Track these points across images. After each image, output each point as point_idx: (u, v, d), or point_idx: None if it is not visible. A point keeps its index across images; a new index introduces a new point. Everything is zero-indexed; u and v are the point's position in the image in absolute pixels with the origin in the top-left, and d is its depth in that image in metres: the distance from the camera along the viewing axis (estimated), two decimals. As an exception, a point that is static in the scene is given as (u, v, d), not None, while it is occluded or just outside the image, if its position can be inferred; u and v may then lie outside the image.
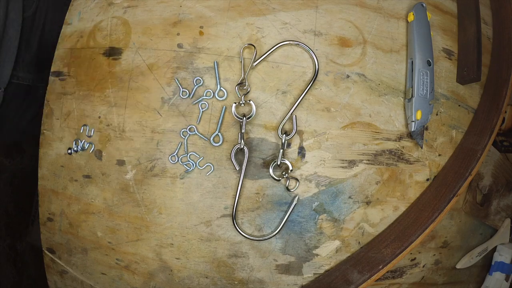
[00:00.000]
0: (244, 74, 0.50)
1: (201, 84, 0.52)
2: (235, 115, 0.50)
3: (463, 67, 0.57)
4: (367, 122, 0.53)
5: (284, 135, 0.50)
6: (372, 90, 0.53)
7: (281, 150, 0.50)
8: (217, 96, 0.51)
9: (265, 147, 0.51)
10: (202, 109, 0.51)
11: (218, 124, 0.51)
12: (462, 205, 0.60)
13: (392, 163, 0.54)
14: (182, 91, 0.51)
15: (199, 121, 0.51)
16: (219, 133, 0.51)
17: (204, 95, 0.51)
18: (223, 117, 0.51)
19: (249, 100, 0.50)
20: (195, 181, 0.52)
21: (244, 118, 0.50)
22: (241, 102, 0.50)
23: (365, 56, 0.53)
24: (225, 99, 0.51)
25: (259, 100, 0.51)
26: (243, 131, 0.50)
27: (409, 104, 0.53)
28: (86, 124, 0.55)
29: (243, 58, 0.51)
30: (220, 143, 0.51)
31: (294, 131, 0.50)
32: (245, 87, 0.51)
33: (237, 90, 0.50)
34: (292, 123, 0.50)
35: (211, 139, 0.51)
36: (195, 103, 0.51)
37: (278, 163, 0.50)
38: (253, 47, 0.51)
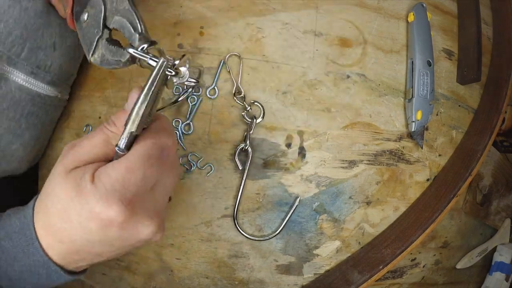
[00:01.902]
0: (237, 83, 0.51)
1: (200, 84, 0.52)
2: (245, 118, 0.50)
3: (463, 67, 0.57)
4: (368, 122, 0.53)
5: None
6: (373, 90, 0.53)
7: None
8: (208, 94, 0.51)
9: (266, 147, 0.51)
10: (194, 105, 0.51)
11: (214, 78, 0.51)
12: (462, 205, 0.60)
13: (393, 163, 0.54)
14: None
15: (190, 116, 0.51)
16: (215, 87, 0.51)
17: (201, 93, 0.51)
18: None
19: (254, 101, 0.50)
20: (195, 181, 0.52)
21: (254, 119, 0.50)
22: (248, 109, 0.50)
23: (365, 56, 0.53)
24: (215, 98, 0.51)
25: (259, 101, 0.51)
26: (251, 132, 0.50)
27: (409, 104, 0.53)
28: (89, 124, 0.55)
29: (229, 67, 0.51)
30: (215, 96, 0.51)
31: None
32: (241, 95, 0.51)
33: (237, 101, 0.50)
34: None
35: (207, 92, 0.51)
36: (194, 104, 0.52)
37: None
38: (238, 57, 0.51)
